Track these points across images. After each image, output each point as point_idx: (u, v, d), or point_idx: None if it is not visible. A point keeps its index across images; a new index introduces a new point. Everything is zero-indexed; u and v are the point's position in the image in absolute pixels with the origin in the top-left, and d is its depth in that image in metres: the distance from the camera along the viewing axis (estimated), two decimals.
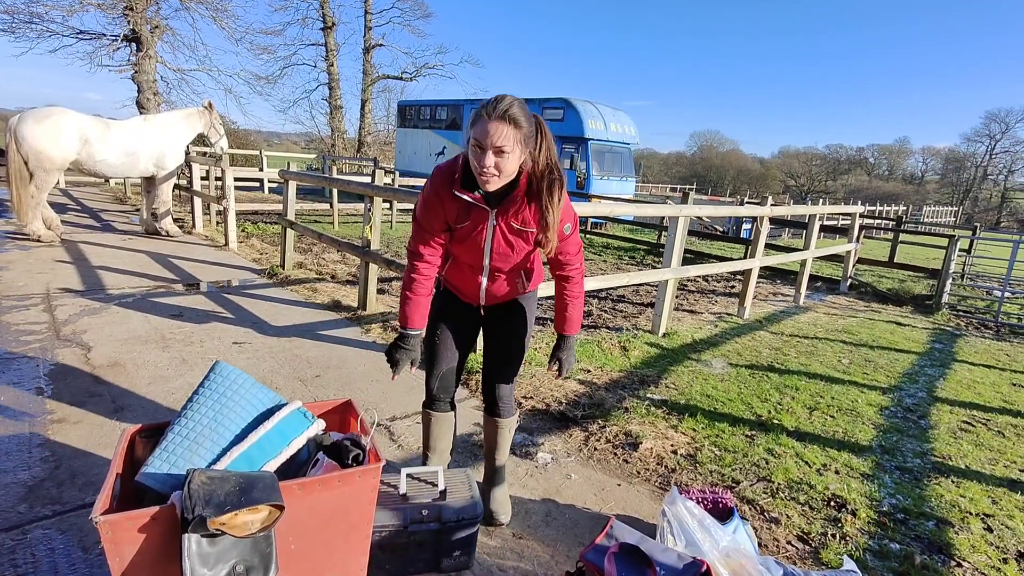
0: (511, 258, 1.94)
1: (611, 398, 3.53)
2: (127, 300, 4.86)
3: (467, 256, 1.97)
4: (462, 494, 1.99)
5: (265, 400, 1.83)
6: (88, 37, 17.15)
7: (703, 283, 8.12)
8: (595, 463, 2.80)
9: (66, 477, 2.35)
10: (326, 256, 7.65)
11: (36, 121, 6.52)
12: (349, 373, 3.69)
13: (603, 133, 14.62)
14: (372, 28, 27.53)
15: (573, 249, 1.99)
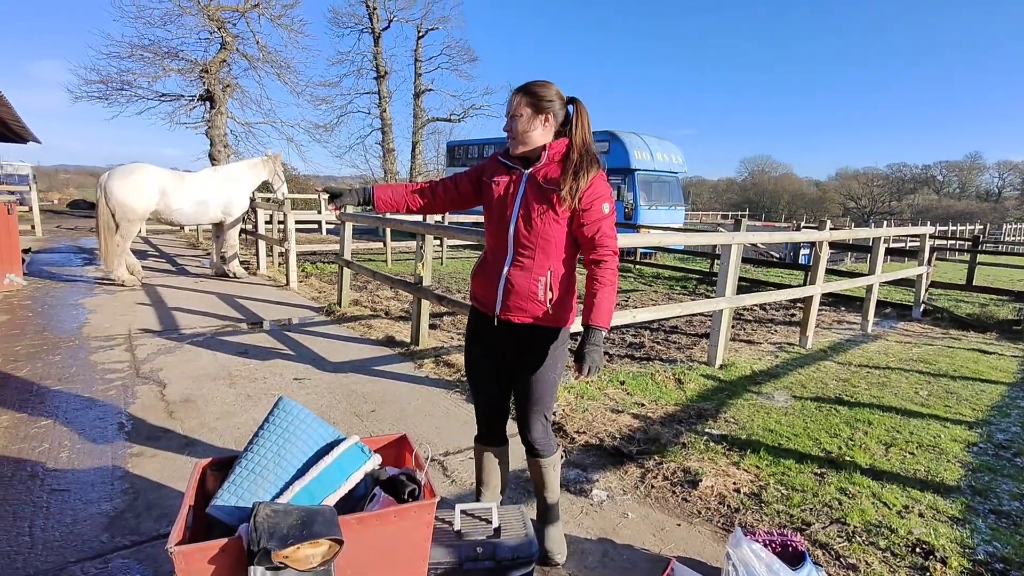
0: (535, 225, 1.93)
1: (667, 433, 3.42)
2: (198, 339, 5.16)
3: (495, 224, 2.03)
4: (517, 532, 1.97)
5: (325, 435, 1.89)
6: (169, 99, 18.85)
7: (760, 312, 7.83)
8: (653, 501, 2.71)
9: (143, 508, 2.49)
10: (380, 293, 7.89)
11: (121, 177, 7.17)
12: (403, 408, 3.75)
13: (649, 163, 14.60)
14: (421, 74, 28.90)
15: (610, 232, 1.98)
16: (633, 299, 8.54)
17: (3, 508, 2.44)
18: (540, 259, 1.97)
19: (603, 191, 1.95)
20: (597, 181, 1.94)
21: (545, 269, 1.97)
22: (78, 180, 39.09)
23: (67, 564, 2.11)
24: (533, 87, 1.97)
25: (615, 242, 1.99)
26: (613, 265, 1.99)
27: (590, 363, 1.91)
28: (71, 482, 2.68)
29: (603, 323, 1.94)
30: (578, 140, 1.97)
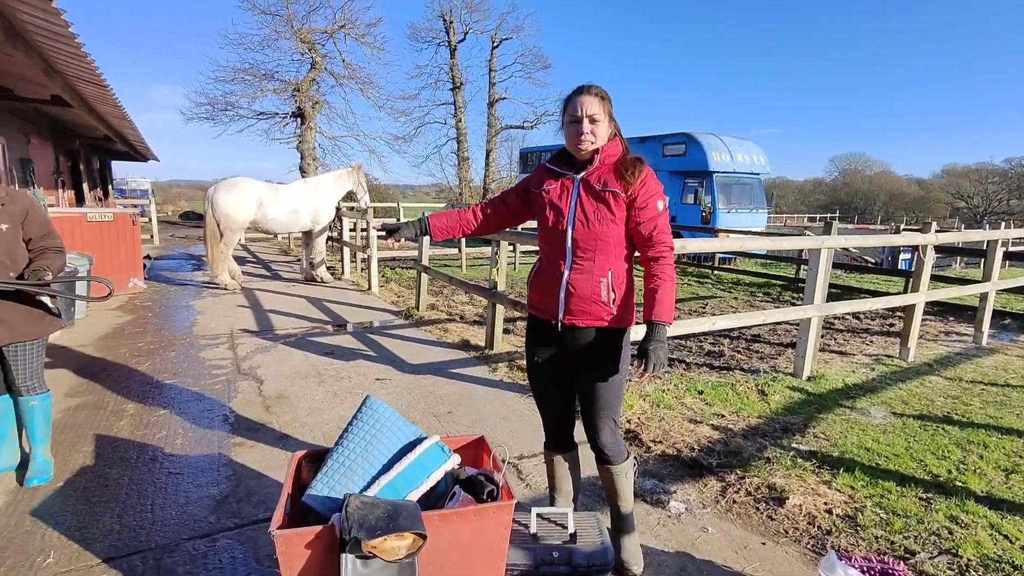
0: (593, 227, 1.95)
1: (750, 446, 3.27)
2: (290, 339, 5.54)
3: (550, 231, 2.03)
4: (592, 539, 1.96)
5: (408, 433, 1.98)
6: (266, 117, 20.41)
7: (853, 321, 7.28)
8: (734, 517, 2.60)
9: (244, 494, 2.71)
10: (455, 298, 8.10)
11: (225, 190, 7.85)
12: (478, 410, 3.83)
13: (729, 165, 14.02)
14: (496, 84, 29.45)
15: (666, 228, 1.98)
16: (711, 306, 8.22)
17: (130, 487, 2.74)
18: (600, 261, 1.97)
19: (657, 188, 1.97)
20: (650, 179, 1.96)
21: (605, 270, 1.97)
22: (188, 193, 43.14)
23: (181, 541, 2.34)
24: (602, 91, 1.99)
25: (671, 238, 2.00)
26: (671, 260, 1.99)
27: (654, 360, 1.88)
28: (184, 467, 2.96)
29: (666, 318, 1.93)
30: (624, 142, 2.03)
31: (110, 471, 2.89)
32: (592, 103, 1.93)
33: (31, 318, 2.61)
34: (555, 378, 2.16)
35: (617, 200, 1.93)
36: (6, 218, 2.51)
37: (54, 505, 2.57)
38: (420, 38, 28.82)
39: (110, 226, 7.06)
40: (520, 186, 2.23)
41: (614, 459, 2.12)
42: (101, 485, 2.76)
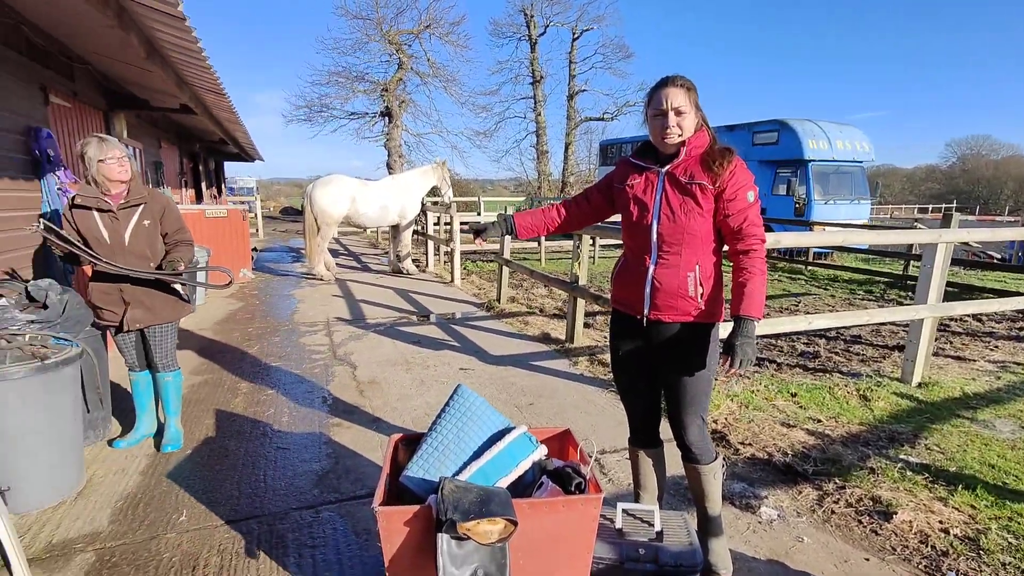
0: (679, 220, 1.91)
1: (850, 454, 3.07)
2: (380, 328, 5.85)
3: (634, 227, 2.01)
4: (680, 539, 1.94)
5: (496, 422, 2.04)
6: (356, 117, 21.58)
7: (974, 323, 6.56)
8: (833, 528, 2.46)
9: (343, 472, 2.91)
10: (535, 291, 8.17)
11: (322, 186, 8.38)
12: (560, 403, 3.87)
13: (827, 152, 13.02)
14: (576, 76, 29.18)
15: (756, 220, 1.91)
16: (805, 304, 7.72)
17: (246, 459, 3.04)
18: (687, 255, 1.94)
19: (747, 179, 1.90)
20: (739, 170, 1.89)
21: (693, 264, 1.94)
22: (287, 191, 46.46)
23: (289, 510, 2.57)
24: (689, 83, 1.92)
25: (762, 230, 1.93)
26: (762, 254, 1.91)
27: (741, 356, 1.84)
28: (290, 443, 3.24)
29: (755, 313, 1.87)
30: (712, 132, 1.96)
31: (229, 443, 3.22)
32: (678, 95, 1.88)
33: (168, 304, 2.95)
34: (640, 373, 2.15)
35: (704, 193, 1.88)
36: (148, 215, 2.85)
37: (185, 470, 2.90)
38: (501, 33, 29.14)
39: (224, 221, 7.77)
40: (603, 182, 2.22)
41: (701, 458, 2.07)
42: (222, 455, 3.07)
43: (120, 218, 2.79)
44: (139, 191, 2.85)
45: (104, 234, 2.77)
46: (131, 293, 2.85)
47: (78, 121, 4.76)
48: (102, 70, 5.11)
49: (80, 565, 2.17)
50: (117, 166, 2.71)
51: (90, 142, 2.69)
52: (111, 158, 2.69)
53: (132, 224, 2.81)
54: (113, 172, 2.71)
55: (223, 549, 2.28)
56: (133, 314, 2.87)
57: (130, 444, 3.12)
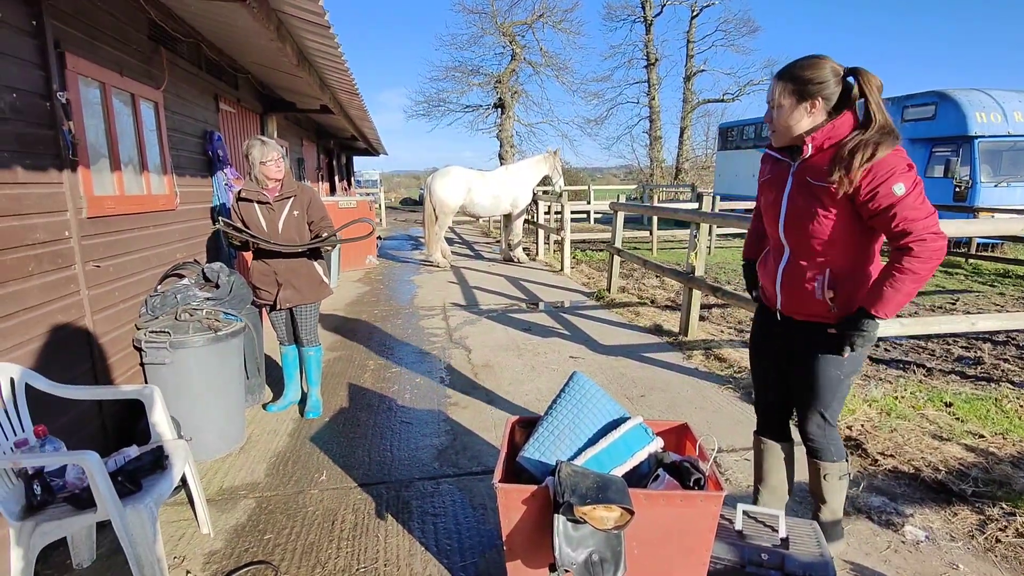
0: (805, 223, 1.78)
1: (1023, 477, 2.66)
2: (492, 314, 6.06)
3: (768, 221, 1.95)
4: (809, 548, 1.82)
5: (612, 411, 2.05)
6: (471, 109, 22.31)
7: None
8: (998, 559, 2.16)
9: (460, 448, 3.09)
10: (645, 281, 7.97)
11: (441, 177, 8.80)
12: (673, 397, 3.76)
13: (1000, 126, 11.14)
14: (693, 56, 27.65)
15: (912, 214, 1.63)
16: (963, 302, 6.74)
17: (375, 430, 3.32)
18: (815, 259, 1.82)
19: (889, 170, 1.63)
20: (879, 164, 1.64)
21: (823, 268, 1.81)
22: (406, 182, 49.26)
23: (413, 480, 2.77)
24: (795, 70, 1.75)
25: (924, 223, 1.63)
26: (922, 252, 1.63)
27: (848, 342, 1.76)
28: (413, 418, 3.48)
29: (875, 309, 1.70)
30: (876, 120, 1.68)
31: (360, 414, 3.54)
32: (775, 88, 1.79)
33: (313, 286, 3.32)
34: (773, 363, 2.09)
35: (832, 195, 1.70)
36: (298, 206, 3.21)
37: (324, 435, 3.25)
38: (615, 16, 28.32)
39: (354, 211, 8.44)
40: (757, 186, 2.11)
41: (820, 453, 2.02)
42: (354, 424, 3.39)
43: (275, 209, 3.18)
44: (291, 185, 3.22)
45: (263, 223, 3.17)
46: (284, 276, 3.24)
47: (240, 124, 5.44)
48: (259, 78, 5.78)
49: (244, 509, 2.53)
50: (274, 166, 3.09)
51: (253, 145, 3.08)
52: (270, 160, 3.07)
53: (285, 214, 3.19)
54: (271, 171, 3.10)
55: (357, 508, 2.53)
56: (284, 294, 3.26)
57: (279, 409, 3.55)
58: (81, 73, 2.68)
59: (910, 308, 6.42)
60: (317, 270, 3.36)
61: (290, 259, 3.24)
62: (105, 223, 2.83)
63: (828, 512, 2.08)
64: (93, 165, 2.77)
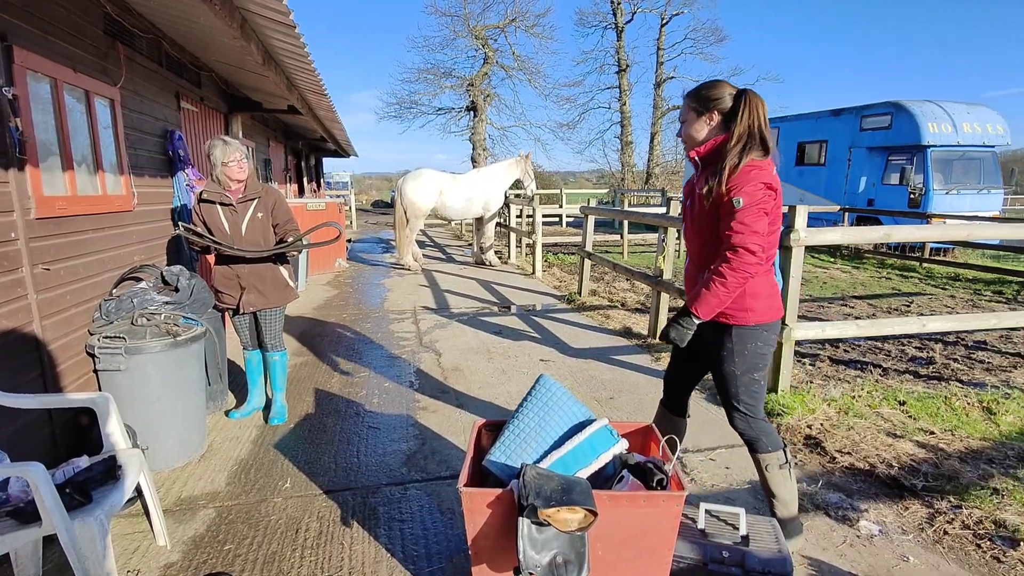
0: (697, 227, 2.04)
1: (969, 472, 2.78)
2: (463, 317, 6.04)
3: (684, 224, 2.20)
4: (768, 545, 1.86)
5: (578, 413, 2.06)
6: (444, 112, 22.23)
7: None
8: (945, 550, 2.25)
9: (429, 453, 3.06)
10: (616, 285, 8.06)
11: (412, 180, 8.74)
12: (641, 399, 3.81)
13: (950, 136, 11.67)
14: (663, 63, 28.13)
15: (739, 227, 1.84)
16: (918, 304, 7.02)
17: (342, 435, 3.27)
18: (704, 260, 2.02)
19: (740, 184, 1.85)
20: (741, 175, 1.85)
21: (702, 268, 2.02)
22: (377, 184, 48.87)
23: (380, 485, 2.74)
24: (699, 89, 2.04)
25: (745, 237, 1.83)
26: (733, 261, 1.85)
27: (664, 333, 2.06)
28: (381, 422, 3.44)
29: (693, 307, 1.96)
30: (740, 131, 1.91)
31: (327, 420, 3.48)
32: (683, 104, 2.07)
33: (277, 290, 3.25)
34: (689, 353, 2.23)
35: (708, 202, 1.93)
36: (262, 208, 3.15)
37: (288, 441, 3.18)
38: (587, 23, 28.61)
39: (323, 214, 8.31)
40: None
41: (755, 445, 2.16)
42: (320, 430, 3.33)
43: (239, 211, 3.10)
44: (255, 187, 3.15)
45: (225, 225, 3.09)
46: (247, 279, 3.17)
47: (203, 123, 5.31)
48: (224, 76, 5.64)
49: (203, 519, 2.46)
50: (237, 168, 3.02)
51: (216, 144, 3.01)
52: (232, 161, 3.00)
53: (248, 216, 3.11)
54: (233, 173, 3.03)
55: (322, 516, 2.49)
56: (248, 298, 3.19)
57: (243, 415, 3.47)
58: (30, 68, 2.57)
59: (868, 310, 6.66)
60: (282, 273, 3.29)
61: (254, 262, 3.17)
62: (56, 224, 2.72)
63: (782, 506, 2.15)
64: (43, 164, 2.66)
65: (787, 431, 3.25)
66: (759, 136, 1.90)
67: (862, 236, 4.06)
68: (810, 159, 14.22)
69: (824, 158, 13.76)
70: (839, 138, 13.36)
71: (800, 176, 14.42)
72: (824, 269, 9.86)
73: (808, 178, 14.16)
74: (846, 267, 10.11)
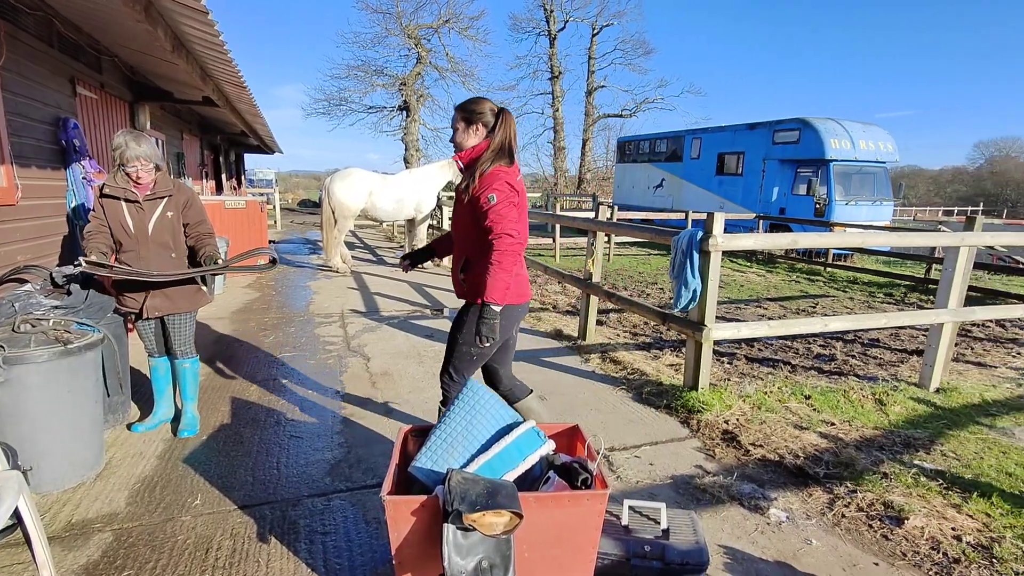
0: (459, 225, 2.37)
1: (863, 459, 3.03)
2: (393, 321, 5.90)
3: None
4: (687, 537, 1.94)
5: (505, 416, 2.06)
6: (375, 111, 21.73)
7: (997, 329, 6.42)
8: (843, 532, 2.43)
9: (355, 461, 2.96)
10: (548, 288, 8.17)
11: (340, 179, 8.45)
12: (570, 400, 3.87)
13: (849, 152, 12.79)
14: (595, 72, 28.98)
15: (497, 219, 2.19)
16: (823, 306, 7.62)
17: (260, 446, 3.09)
18: (459, 248, 2.40)
19: (489, 185, 2.21)
20: (484, 178, 2.23)
21: (462, 255, 2.39)
22: (305, 183, 46.98)
23: (302, 498, 2.61)
24: (466, 103, 2.34)
25: (505, 227, 2.19)
26: (504, 248, 2.19)
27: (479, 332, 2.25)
28: (303, 431, 3.29)
29: (490, 298, 2.20)
30: (495, 143, 2.29)
31: (244, 430, 3.28)
32: (454, 116, 2.36)
33: (187, 294, 3.02)
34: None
35: (466, 199, 2.28)
36: (172, 207, 2.92)
37: (200, 455, 2.97)
38: (520, 28, 29.02)
39: (243, 212, 7.89)
40: None
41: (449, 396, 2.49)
42: (237, 442, 3.14)
43: (145, 209, 2.86)
44: (165, 183, 2.91)
45: (130, 223, 2.84)
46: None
47: (104, 112, 4.87)
48: (129, 62, 5.21)
49: (98, 544, 2.24)
50: (136, 174, 2.79)
51: (120, 144, 2.75)
52: (132, 168, 2.76)
53: (156, 215, 2.88)
54: (133, 176, 2.79)
55: (236, 533, 2.33)
56: (153, 303, 2.94)
57: (148, 428, 3.20)
58: None
59: (779, 311, 7.14)
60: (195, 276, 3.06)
61: (161, 261, 2.93)
62: None
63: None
64: None
65: (707, 427, 3.41)
66: (508, 148, 2.30)
67: (773, 242, 4.34)
68: (729, 169, 15.11)
69: (742, 168, 14.65)
70: (755, 150, 14.27)
71: (720, 185, 15.28)
72: (741, 273, 10.48)
73: (727, 187, 15.03)
74: (761, 271, 10.80)
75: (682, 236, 3.69)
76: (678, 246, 3.69)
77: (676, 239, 3.73)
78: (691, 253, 3.60)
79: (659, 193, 17.47)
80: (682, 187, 16.55)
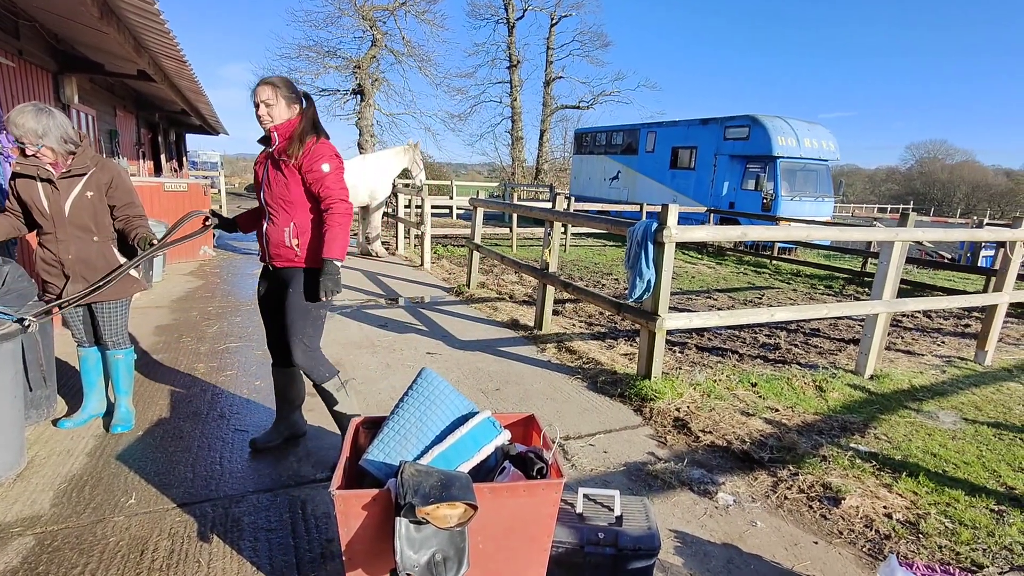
0: (274, 190, 2.45)
1: (804, 443, 3.17)
2: (347, 311, 5.75)
3: (257, 192, 2.58)
4: (639, 523, 1.96)
5: (461, 406, 2.02)
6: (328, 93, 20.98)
7: (924, 319, 6.86)
8: (785, 513, 2.54)
9: (303, 455, 2.86)
10: (505, 277, 8.15)
11: None
12: (526, 389, 3.87)
13: (795, 150, 13.33)
14: (553, 62, 29.00)
15: (332, 185, 2.41)
16: (768, 297, 7.93)
17: (202, 440, 2.94)
18: (283, 216, 2.46)
19: (322, 154, 2.41)
20: (315, 148, 2.41)
21: (288, 222, 2.46)
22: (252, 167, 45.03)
23: (247, 493, 2.50)
24: (276, 82, 2.45)
25: (338, 193, 2.43)
26: (340, 211, 2.42)
27: (324, 288, 2.39)
28: (249, 424, 3.15)
29: (334, 255, 2.40)
30: (309, 119, 2.48)
31: (184, 424, 3.11)
32: (266, 90, 2.40)
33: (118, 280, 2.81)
34: (268, 307, 2.71)
35: (289, 167, 2.41)
36: (92, 187, 2.70)
37: (135, 451, 2.80)
38: (479, 15, 28.69)
39: (184, 196, 7.47)
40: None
41: (313, 378, 2.62)
42: (176, 436, 2.97)
43: (61, 188, 2.63)
44: (84, 161, 2.68)
45: (44, 204, 2.61)
46: (72, 267, 2.70)
47: (22, 82, 4.48)
48: (53, 30, 4.80)
49: (17, 549, 2.07)
50: (33, 152, 2.54)
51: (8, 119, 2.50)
52: (24, 146, 2.52)
53: (74, 195, 2.65)
54: (29, 155, 2.55)
55: (174, 533, 2.21)
56: (73, 288, 2.72)
57: (77, 424, 2.99)
58: None
59: (728, 302, 7.38)
60: (119, 260, 2.84)
61: (81, 245, 2.70)
62: None
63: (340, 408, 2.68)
64: None
65: (659, 414, 3.48)
66: (319, 123, 2.52)
67: (724, 235, 4.47)
68: (682, 163, 15.46)
69: (694, 163, 15.02)
70: (706, 145, 14.65)
71: (673, 178, 15.62)
72: (692, 264, 10.77)
73: (680, 180, 15.38)
74: (711, 263, 11.12)
75: (637, 227, 3.74)
76: (633, 237, 3.73)
77: (632, 230, 3.77)
78: (646, 244, 3.64)
79: (615, 185, 17.72)
80: (637, 180, 16.83)
